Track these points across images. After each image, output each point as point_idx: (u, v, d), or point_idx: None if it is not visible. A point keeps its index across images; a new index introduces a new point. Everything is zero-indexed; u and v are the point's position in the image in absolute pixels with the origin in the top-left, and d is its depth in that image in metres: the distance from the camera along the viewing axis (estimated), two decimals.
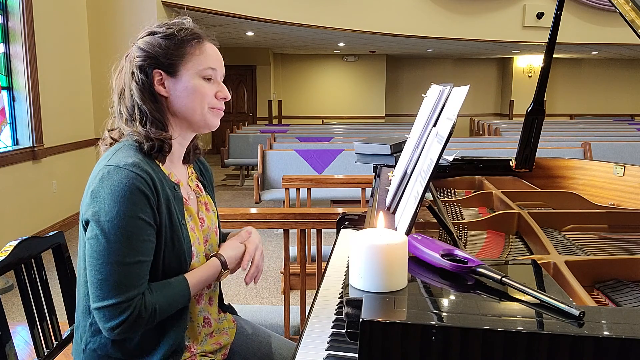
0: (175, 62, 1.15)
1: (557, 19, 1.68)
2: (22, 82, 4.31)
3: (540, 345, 0.64)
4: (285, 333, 2.34)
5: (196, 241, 1.21)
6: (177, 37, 1.16)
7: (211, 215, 1.31)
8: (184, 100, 1.16)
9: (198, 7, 6.15)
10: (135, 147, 1.13)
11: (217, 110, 1.22)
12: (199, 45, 1.18)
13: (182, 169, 1.27)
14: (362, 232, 0.81)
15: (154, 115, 1.15)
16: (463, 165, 1.89)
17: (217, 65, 1.21)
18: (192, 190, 1.28)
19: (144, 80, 1.15)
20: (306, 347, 1.01)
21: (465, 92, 0.95)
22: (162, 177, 1.14)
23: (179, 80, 1.16)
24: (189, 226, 1.19)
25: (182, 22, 1.21)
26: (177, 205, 1.16)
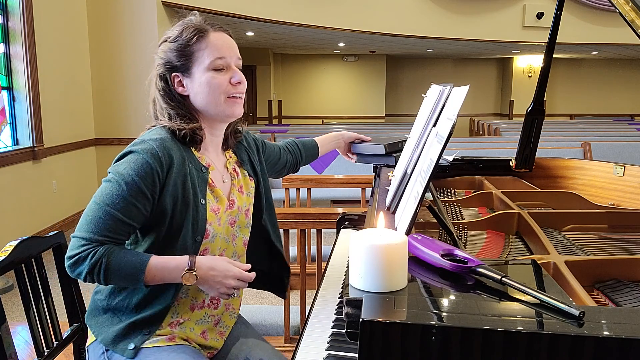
0: (187, 62, 1.21)
1: (557, 19, 1.68)
2: (22, 82, 4.31)
3: (540, 345, 0.64)
4: (285, 333, 2.34)
5: (216, 221, 1.23)
6: (182, 37, 1.21)
7: (245, 197, 1.34)
8: (201, 96, 1.22)
9: (198, 7, 6.15)
10: (167, 130, 1.21)
11: (233, 98, 1.23)
12: (204, 40, 1.21)
13: (218, 154, 1.33)
14: (362, 232, 0.81)
15: (180, 113, 1.23)
16: (463, 165, 1.89)
17: (224, 53, 1.22)
18: (227, 174, 1.33)
19: (164, 87, 1.24)
20: (306, 347, 1.01)
21: (465, 92, 0.95)
22: (189, 157, 1.22)
23: (194, 78, 1.22)
24: (209, 206, 1.22)
25: (188, 20, 1.25)
26: (199, 185, 1.22)
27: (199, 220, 1.20)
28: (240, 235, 1.34)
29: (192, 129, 1.22)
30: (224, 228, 1.27)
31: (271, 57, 11.57)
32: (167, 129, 1.21)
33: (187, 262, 1.13)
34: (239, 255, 1.35)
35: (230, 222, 1.30)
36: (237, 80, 1.23)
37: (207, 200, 1.23)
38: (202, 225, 1.20)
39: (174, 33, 1.24)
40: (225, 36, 1.25)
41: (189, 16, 1.27)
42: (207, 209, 1.22)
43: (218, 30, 1.25)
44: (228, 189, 1.31)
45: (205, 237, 1.21)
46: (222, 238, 1.27)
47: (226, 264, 1.16)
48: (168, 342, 1.22)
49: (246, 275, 1.17)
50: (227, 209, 1.28)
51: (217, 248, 1.27)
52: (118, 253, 1.13)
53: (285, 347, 2.32)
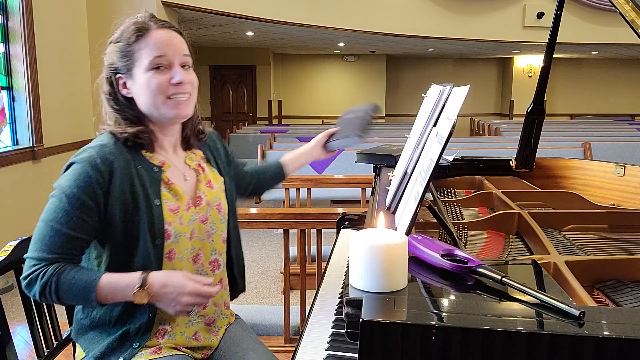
0: (128, 63, 1.17)
1: (557, 19, 1.68)
2: (22, 82, 4.30)
3: (540, 345, 0.64)
4: (285, 333, 2.34)
5: (176, 221, 1.19)
6: (123, 37, 1.18)
7: (216, 192, 1.30)
8: (142, 98, 1.18)
9: (198, 7, 6.15)
10: (111, 135, 1.19)
11: (176, 99, 1.18)
12: (143, 39, 1.16)
13: (176, 153, 1.29)
14: (362, 232, 0.81)
15: (125, 117, 1.20)
16: (463, 165, 1.89)
17: (165, 51, 1.16)
18: (190, 170, 1.29)
19: (110, 90, 1.21)
20: (306, 347, 1.01)
21: (466, 92, 0.95)
22: (137, 159, 1.19)
23: (135, 80, 1.18)
24: (167, 206, 1.18)
25: (131, 20, 1.21)
26: (152, 185, 1.18)
27: (155, 222, 1.15)
28: (218, 232, 1.30)
29: (135, 133, 1.18)
30: (191, 226, 1.23)
31: (271, 57, 11.57)
32: (111, 134, 1.18)
33: (138, 279, 1.08)
34: (219, 253, 1.31)
35: (201, 219, 1.25)
36: (176, 80, 1.17)
37: (163, 200, 1.19)
38: (160, 227, 1.16)
39: (116, 33, 1.20)
40: (169, 33, 1.19)
41: (137, 15, 1.22)
42: (164, 209, 1.18)
43: (161, 27, 1.19)
44: (193, 186, 1.27)
45: (166, 239, 1.17)
46: (190, 237, 1.22)
47: (181, 280, 1.09)
48: (153, 355, 1.19)
49: (204, 291, 1.09)
50: (192, 206, 1.24)
51: (187, 249, 1.22)
52: (68, 272, 1.09)
53: (285, 347, 2.32)
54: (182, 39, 1.22)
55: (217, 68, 11.38)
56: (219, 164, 1.37)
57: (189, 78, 1.21)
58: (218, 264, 1.31)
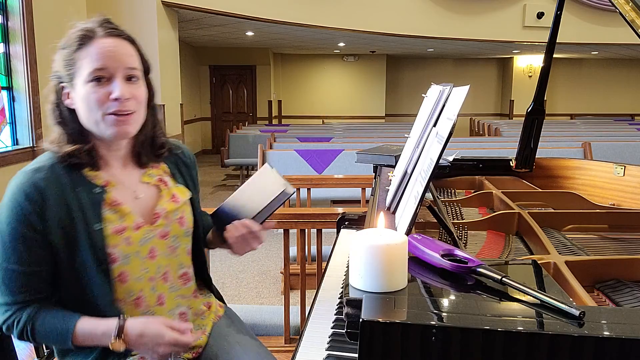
0: (70, 72, 1.10)
1: (557, 19, 1.68)
2: (22, 82, 4.30)
3: (540, 345, 0.64)
4: (285, 333, 2.34)
5: (123, 242, 1.12)
6: (67, 44, 1.11)
7: (180, 205, 1.24)
8: (81, 111, 1.11)
9: (198, 7, 6.15)
10: (52, 158, 1.13)
11: (115, 116, 1.08)
12: (85, 47, 1.08)
13: (127, 170, 1.21)
14: (362, 232, 0.81)
15: (67, 131, 1.13)
16: (463, 165, 1.89)
17: (104, 62, 1.07)
18: (149, 186, 1.22)
19: (54, 100, 1.15)
20: (306, 347, 1.01)
21: (466, 92, 0.94)
22: (76, 180, 1.11)
23: (76, 91, 1.10)
24: (111, 228, 1.11)
25: (82, 23, 1.13)
26: (91, 209, 1.10)
27: (96, 247, 1.09)
28: (182, 245, 1.25)
29: (72, 152, 1.10)
30: (147, 245, 1.17)
31: (271, 57, 11.57)
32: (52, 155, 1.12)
33: (115, 328, 1.05)
34: (188, 266, 1.27)
35: (160, 235, 1.19)
36: (115, 96, 1.07)
37: (105, 222, 1.11)
38: (102, 252, 1.09)
39: (63, 40, 1.12)
40: (116, 42, 1.10)
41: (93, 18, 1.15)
42: (107, 232, 1.10)
43: (108, 35, 1.10)
44: (148, 203, 1.20)
45: (112, 262, 1.11)
46: (151, 256, 1.17)
47: (159, 328, 1.06)
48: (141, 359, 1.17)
49: (182, 341, 1.06)
50: (145, 224, 1.17)
51: (146, 268, 1.17)
52: (43, 318, 1.07)
53: (285, 347, 2.32)
54: (131, 49, 1.14)
55: (217, 68, 11.38)
56: (186, 180, 1.30)
57: (134, 93, 1.11)
58: (188, 277, 1.28)
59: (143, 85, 1.16)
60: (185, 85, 9.24)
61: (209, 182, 8.04)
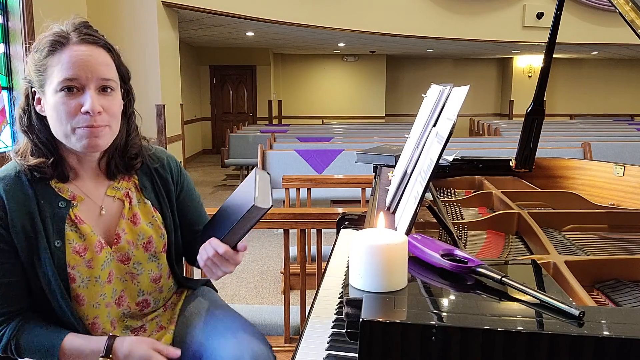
0: (41, 78, 1.04)
1: (557, 19, 1.68)
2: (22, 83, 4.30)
3: (540, 345, 0.64)
4: (285, 333, 2.34)
5: (83, 264, 1.07)
6: (39, 47, 1.05)
7: (140, 228, 1.16)
8: (51, 120, 1.05)
9: (198, 7, 6.15)
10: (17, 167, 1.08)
11: (87, 129, 1.01)
12: (57, 54, 1.02)
13: (98, 182, 1.15)
14: (362, 232, 0.81)
15: (36, 141, 1.07)
16: (463, 165, 1.89)
17: (75, 72, 1.00)
18: (114, 201, 1.14)
19: (24, 108, 1.08)
20: (306, 347, 1.01)
21: (465, 92, 0.95)
22: (41, 192, 1.06)
23: (46, 98, 1.04)
24: (70, 248, 1.07)
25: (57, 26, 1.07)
26: (53, 223, 1.06)
27: (57, 264, 1.04)
28: (145, 272, 1.17)
29: (35, 166, 1.04)
30: (107, 269, 1.11)
31: (271, 57, 11.57)
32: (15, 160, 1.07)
33: (103, 348, 1.04)
34: (149, 293, 1.20)
35: (120, 259, 1.13)
36: (86, 109, 1.00)
37: (66, 240, 1.06)
38: (62, 270, 1.05)
39: (38, 43, 1.06)
40: (90, 50, 1.03)
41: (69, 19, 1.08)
42: (67, 250, 1.06)
43: (82, 42, 1.03)
44: (111, 223, 1.13)
45: (70, 282, 1.07)
46: (109, 280, 1.12)
47: (146, 351, 1.04)
48: None
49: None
50: (106, 245, 1.11)
51: (104, 294, 1.12)
52: (28, 333, 1.04)
53: (285, 347, 2.32)
54: (107, 58, 1.06)
55: (217, 68, 11.38)
56: (158, 194, 1.20)
57: (106, 105, 1.04)
58: (147, 304, 1.21)
59: (118, 96, 1.09)
60: (186, 85, 9.25)
61: (209, 182, 8.04)
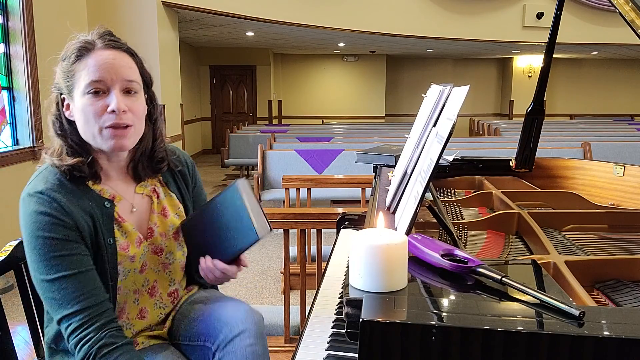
0: (69, 84, 1.10)
1: (557, 19, 1.67)
2: (22, 82, 4.30)
3: (540, 345, 0.64)
4: (285, 333, 2.34)
5: (127, 260, 1.13)
6: (66, 55, 1.10)
7: (170, 220, 1.22)
8: (79, 123, 1.10)
9: (198, 7, 6.15)
10: (54, 171, 1.11)
11: (113, 129, 1.07)
12: (83, 59, 1.08)
13: (126, 182, 1.20)
14: (362, 232, 0.81)
15: (68, 143, 1.12)
16: (463, 165, 1.89)
17: (101, 74, 1.06)
18: (143, 197, 1.20)
19: (55, 112, 1.13)
20: (306, 347, 1.01)
21: (465, 92, 0.95)
22: (87, 195, 1.10)
23: (74, 103, 1.10)
24: (118, 245, 1.12)
25: (82, 35, 1.12)
26: (105, 223, 1.11)
27: (110, 261, 1.10)
28: (176, 261, 1.23)
29: (74, 165, 1.08)
30: (142, 260, 1.17)
31: (271, 57, 11.57)
32: (53, 171, 1.10)
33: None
34: (178, 282, 1.26)
35: (154, 251, 1.19)
36: (112, 109, 1.05)
37: (115, 238, 1.12)
38: (113, 267, 1.11)
39: (63, 51, 1.12)
40: (114, 54, 1.09)
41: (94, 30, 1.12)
42: (117, 247, 1.11)
43: (107, 48, 1.09)
44: (143, 218, 1.19)
45: (117, 275, 1.12)
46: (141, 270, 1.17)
47: None
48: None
49: None
50: (144, 240, 1.17)
51: (135, 282, 1.17)
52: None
53: (285, 347, 2.32)
54: (130, 61, 1.11)
55: (217, 68, 11.38)
56: (180, 188, 1.27)
57: (131, 106, 1.09)
58: (177, 295, 1.27)
59: (142, 99, 1.14)
60: (186, 85, 9.24)
61: (209, 182, 8.04)
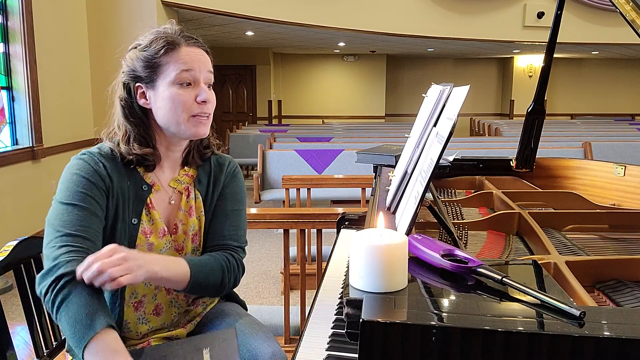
0: (152, 74, 1.16)
1: (558, 19, 1.67)
2: (21, 82, 4.30)
3: (540, 345, 0.64)
4: (285, 333, 2.34)
5: (144, 244, 1.18)
6: (151, 47, 1.16)
7: (194, 220, 1.26)
8: (162, 111, 1.16)
9: (198, 7, 6.15)
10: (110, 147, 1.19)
11: (198, 117, 1.17)
12: (173, 52, 1.15)
13: (172, 171, 1.26)
14: (362, 232, 0.81)
15: (137, 131, 1.18)
16: (463, 165, 1.89)
17: (193, 65, 1.16)
18: (176, 192, 1.25)
19: (126, 98, 1.19)
20: (306, 347, 1.01)
21: (466, 92, 0.94)
22: (129, 174, 1.19)
23: (157, 92, 1.16)
24: (141, 227, 1.19)
25: (162, 29, 1.19)
26: (134, 203, 1.18)
27: (129, 239, 1.16)
28: None
29: (142, 155, 1.17)
30: (164, 254, 1.20)
31: (271, 57, 11.57)
32: (109, 148, 1.18)
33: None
34: None
35: (176, 248, 1.24)
36: (202, 99, 1.16)
37: (141, 220, 1.18)
38: (132, 245, 1.16)
39: (144, 41, 1.18)
40: (198, 50, 1.19)
41: (166, 25, 1.21)
42: (139, 229, 1.18)
43: (192, 45, 1.18)
44: (172, 213, 1.24)
45: None
46: None
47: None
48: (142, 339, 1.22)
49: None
50: (168, 233, 1.23)
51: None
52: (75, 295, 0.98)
53: (285, 347, 2.32)
54: (208, 59, 1.22)
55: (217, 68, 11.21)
56: (208, 192, 1.30)
57: (211, 97, 1.20)
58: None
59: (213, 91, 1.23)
60: None
61: None
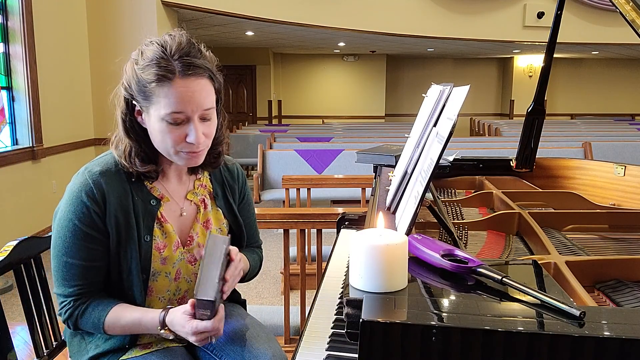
0: (144, 100, 1.08)
1: (558, 19, 1.67)
2: (21, 82, 4.30)
3: (540, 345, 0.64)
4: (285, 333, 2.34)
5: (158, 260, 1.16)
6: (145, 73, 1.06)
7: (207, 233, 1.25)
8: (154, 137, 1.11)
9: (198, 7, 6.15)
10: (116, 160, 1.16)
11: (189, 153, 1.11)
12: (164, 87, 1.05)
13: (180, 182, 1.23)
14: (362, 232, 0.81)
15: (138, 147, 1.13)
16: (463, 165, 1.89)
17: (184, 107, 1.06)
18: (192, 205, 1.24)
19: (126, 110, 1.12)
20: (306, 347, 1.01)
21: (466, 92, 0.94)
22: (136, 189, 1.16)
23: (150, 118, 1.10)
24: (154, 244, 1.16)
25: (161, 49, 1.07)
26: (145, 219, 1.15)
27: (143, 257, 1.14)
28: None
29: (144, 173, 1.14)
30: (177, 267, 1.20)
31: (271, 57, 11.56)
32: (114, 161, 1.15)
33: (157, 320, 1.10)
34: None
35: (189, 260, 1.21)
36: (191, 141, 1.08)
37: (153, 236, 1.15)
38: (146, 263, 1.14)
39: (142, 59, 1.08)
40: (195, 84, 1.06)
41: (173, 31, 1.11)
42: (152, 246, 1.15)
43: (188, 76, 1.06)
44: (187, 224, 1.22)
45: (147, 275, 1.16)
46: (175, 278, 1.20)
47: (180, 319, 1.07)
48: (143, 350, 1.19)
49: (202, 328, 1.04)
50: (181, 245, 1.20)
51: (169, 290, 1.20)
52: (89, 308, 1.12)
53: (285, 347, 2.32)
54: (209, 88, 1.10)
55: None
56: (227, 202, 1.30)
57: (207, 132, 1.12)
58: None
59: (215, 117, 1.16)
60: None
61: None
